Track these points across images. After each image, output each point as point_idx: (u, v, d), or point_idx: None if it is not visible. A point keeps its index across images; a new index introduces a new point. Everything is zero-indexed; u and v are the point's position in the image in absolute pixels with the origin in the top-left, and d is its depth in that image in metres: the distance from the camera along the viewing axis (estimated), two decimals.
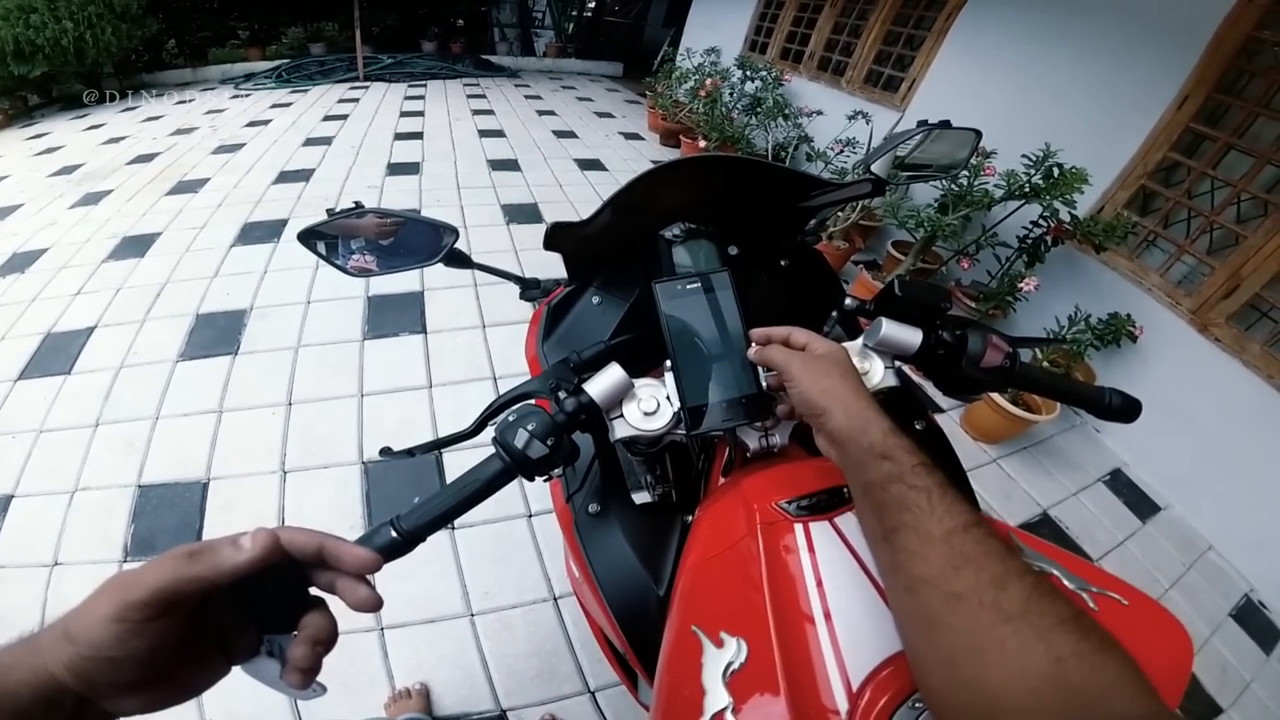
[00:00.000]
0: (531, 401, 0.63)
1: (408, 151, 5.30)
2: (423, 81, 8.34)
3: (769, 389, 0.63)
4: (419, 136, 5.75)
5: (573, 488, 0.77)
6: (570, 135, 6.29)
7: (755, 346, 0.62)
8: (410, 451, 0.68)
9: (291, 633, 0.40)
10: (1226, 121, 2.45)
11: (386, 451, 0.68)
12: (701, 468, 0.82)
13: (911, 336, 0.66)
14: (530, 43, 10.97)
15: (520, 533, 2.00)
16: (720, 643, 0.47)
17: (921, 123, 0.81)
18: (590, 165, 5.39)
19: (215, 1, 8.49)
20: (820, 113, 4.60)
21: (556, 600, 1.82)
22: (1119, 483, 2.60)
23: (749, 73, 5.20)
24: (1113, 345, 2.51)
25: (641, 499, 0.76)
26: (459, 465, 2.08)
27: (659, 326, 0.64)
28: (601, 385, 0.60)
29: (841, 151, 3.89)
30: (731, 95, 5.43)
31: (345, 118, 6.29)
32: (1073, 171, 2.56)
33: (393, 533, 0.48)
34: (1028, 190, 2.71)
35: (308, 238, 0.84)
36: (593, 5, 11.47)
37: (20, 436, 2.24)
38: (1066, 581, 0.50)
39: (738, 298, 0.66)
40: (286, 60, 8.47)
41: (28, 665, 0.32)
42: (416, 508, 0.50)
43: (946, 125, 0.81)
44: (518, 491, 2.10)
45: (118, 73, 7.02)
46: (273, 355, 2.66)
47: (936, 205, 2.98)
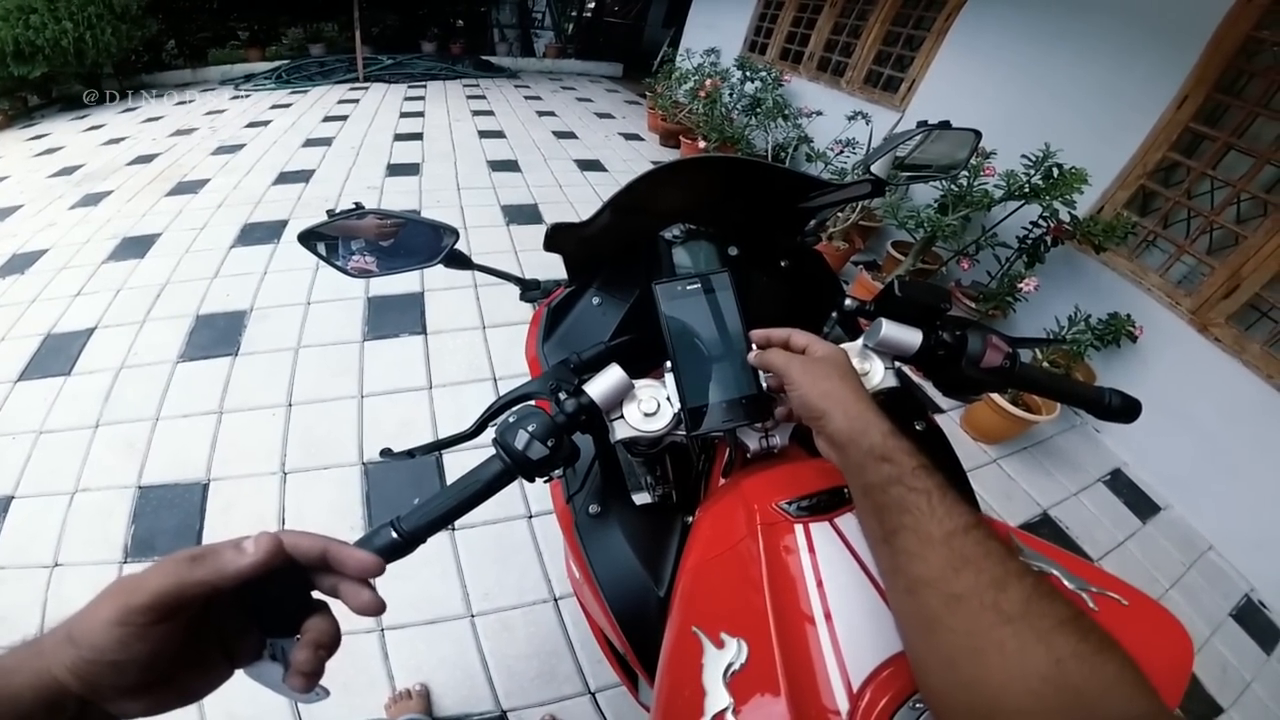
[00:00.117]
0: (532, 403, 0.63)
1: (407, 152, 5.30)
2: (422, 82, 8.33)
3: (769, 390, 0.63)
4: (419, 137, 5.75)
5: (573, 489, 0.77)
6: (570, 136, 6.29)
7: (755, 350, 0.62)
8: (410, 453, 0.68)
9: (294, 636, 0.40)
10: (1226, 121, 2.45)
11: (387, 453, 0.68)
12: (702, 468, 0.82)
13: (911, 337, 0.66)
14: (530, 43, 10.97)
15: (520, 533, 2.00)
16: (721, 643, 0.47)
17: (921, 123, 0.81)
18: (590, 166, 5.39)
19: (215, 2, 8.49)
20: (820, 113, 4.60)
21: (557, 601, 1.82)
22: (1119, 483, 2.60)
23: (749, 73, 5.19)
24: (1113, 345, 2.51)
25: (642, 500, 0.76)
26: (459, 466, 2.08)
27: (659, 327, 0.64)
28: (601, 386, 0.60)
29: (841, 152, 3.89)
30: (731, 96, 5.43)
31: (345, 118, 6.29)
32: (1072, 172, 2.56)
33: (393, 534, 0.48)
34: (1027, 190, 2.71)
35: (308, 239, 0.84)
36: (592, 6, 11.46)
37: (20, 437, 2.23)
38: (1066, 582, 0.50)
39: (738, 298, 0.66)
40: (286, 61, 8.46)
41: (31, 668, 0.32)
42: (417, 509, 0.50)
43: (946, 126, 0.81)
44: (518, 492, 2.10)
45: (117, 73, 7.02)
46: (273, 356, 2.66)
47: (936, 206, 2.98)
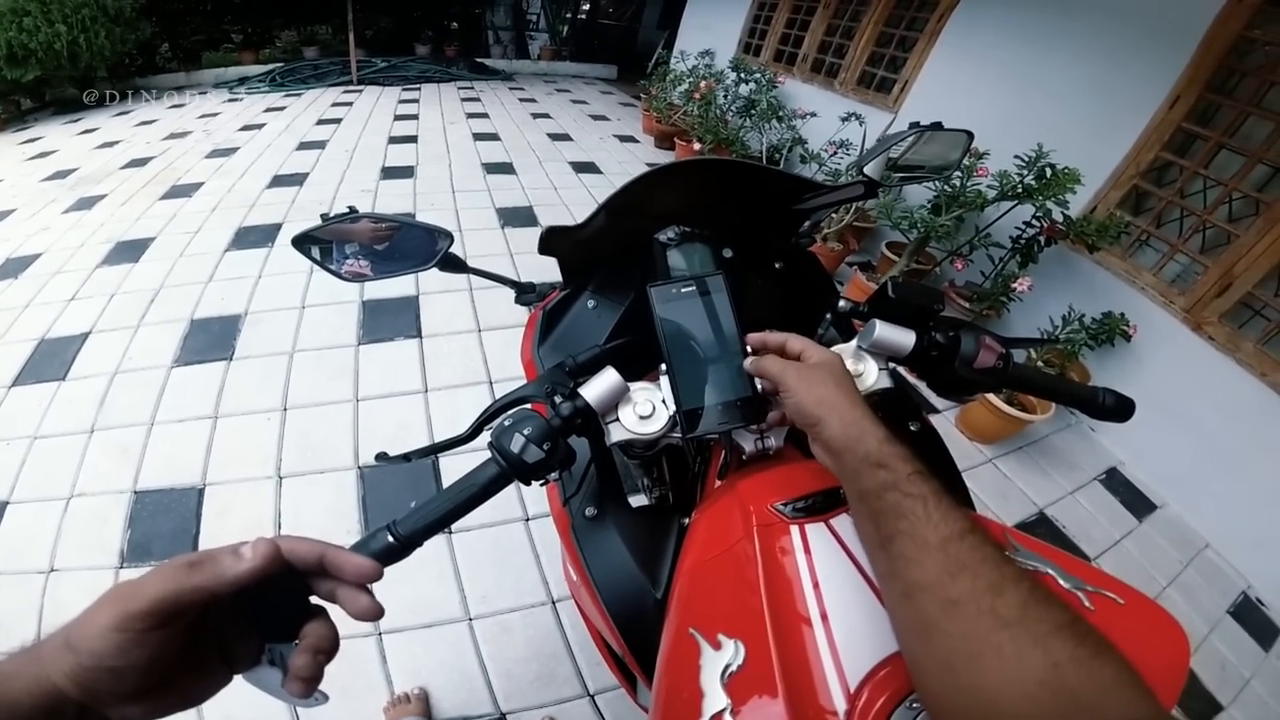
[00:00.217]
0: (527, 406, 0.63)
1: (402, 155, 5.29)
2: (417, 85, 8.32)
3: (763, 392, 0.63)
4: (413, 140, 5.74)
5: (569, 491, 0.77)
6: (565, 138, 6.29)
7: (750, 355, 0.62)
8: (406, 456, 0.68)
9: (293, 641, 0.40)
10: (1218, 121, 2.47)
11: (383, 456, 0.68)
12: (698, 470, 0.82)
13: (905, 338, 0.66)
14: (525, 46, 10.96)
15: (518, 536, 1.99)
16: (718, 645, 0.48)
17: (913, 125, 0.81)
18: (585, 168, 5.39)
19: (209, 5, 8.46)
20: (814, 114, 4.62)
21: (555, 604, 1.82)
22: (1115, 481, 2.61)
23: (743, 75, 5.20)
24: (1107, 344, 2.52)
25: (638, 502, 0.76)
26: (455, 470, 2.07)
27: (654, 330, 0.64)
28: (597, 389, 0.60)
29: (835, 153, 3.90)
30: (726, 98, 5.44)
31: (339, 121, 6.27)
32: (1065, 172, 2.57)
33: (390, 537, 0.48)
34: (1020, 191, 2.72)
35: (302, 243, 0.84)
36: (587, 8, 11.47)
37: (15, 443, 2.22)
38: (1062, 581, 0.50)
39: (732, 301, 0.66)
40: (280, 64, 8.42)
41: (30, 674, 0.32)
42: (413, 512, 0.50)
43: (938, 127, 0.81)
44: (515, 495, 2.10)
45: (111, 77, 6.98)
46: (268, 360, 2.65)
47: (930, 206, 2.99)
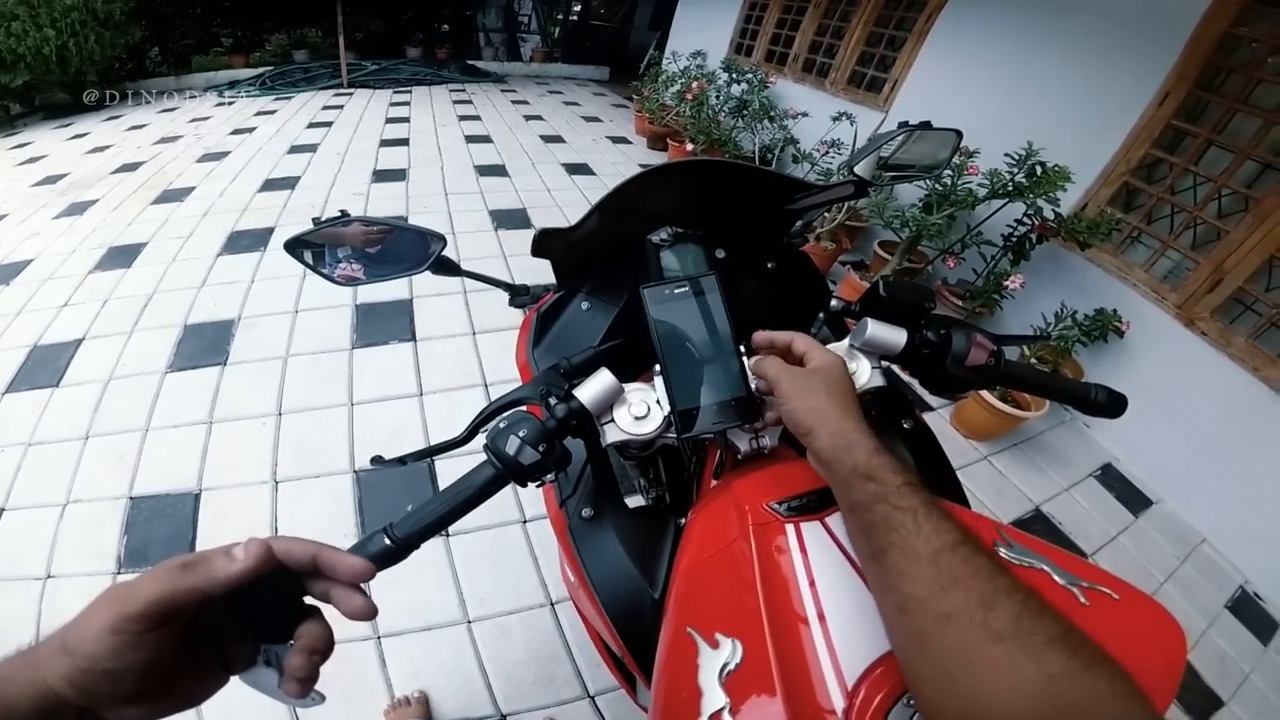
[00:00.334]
0: (523, 408, 0.63)
1: (394, 158, 5.28)
2: (408, 88, 8.30)
3: (757, 393, 0.63)
4: (405, 143, 5.73)
5: (566, 493, 0.77)
6: (558, 140, 6.29)
7: (755, 356, 0.63)
8: (402, 460, 0.68)
9: (288, 642, 0.40)
10: (1207, 118, 2.49)
11: (378, 460, 0.68)
12: (693, 470, 0.82)
13: (896, 336, 0.66)
14: (516, 48, 10.95)
15: (515, 538, 1.99)
16: (715, 644, 0.48)
17: (902, 124, 0.82)
18: (578, 170, 5.39)
19: (198, 8, 8.43)
20: (805, 114, 4.64)
21: (553, 605, 1.82)
22: (1110, 477, 2.63)
23: (735, 75, 5.20)
24: (1100, 341, 2.53)
25: (634, 502, 0.76)
26: (451, 473, 2.07)
27: (648, 331, 0.64)
28: (592, 390, 0.60)
29: (827, 153, 3.92)
30: (718, 98, 5.45)
31: (330, 125, 6.26)
32: (1055, 169, 2.59)
33: (386, 540, 0.48)
34: (1011, 189, 2.74)
35: (294, 247, 0.84)
36: (578, 9, 11.47)
37: (9, 450, 2.21)
38: (1057, 578, 0.50)
39: (726, 301, 0.66)
40: (270, 67, 8.40)
41: (26, 678, 0.32)
42: (410, 515, 0.50)
43: (927, 126, 0.82)
44: (511, 497, 2.10)
45: (101, 81, 6.95)
46: (262, 365, 2.65)
47: (921, 205, 3.01)
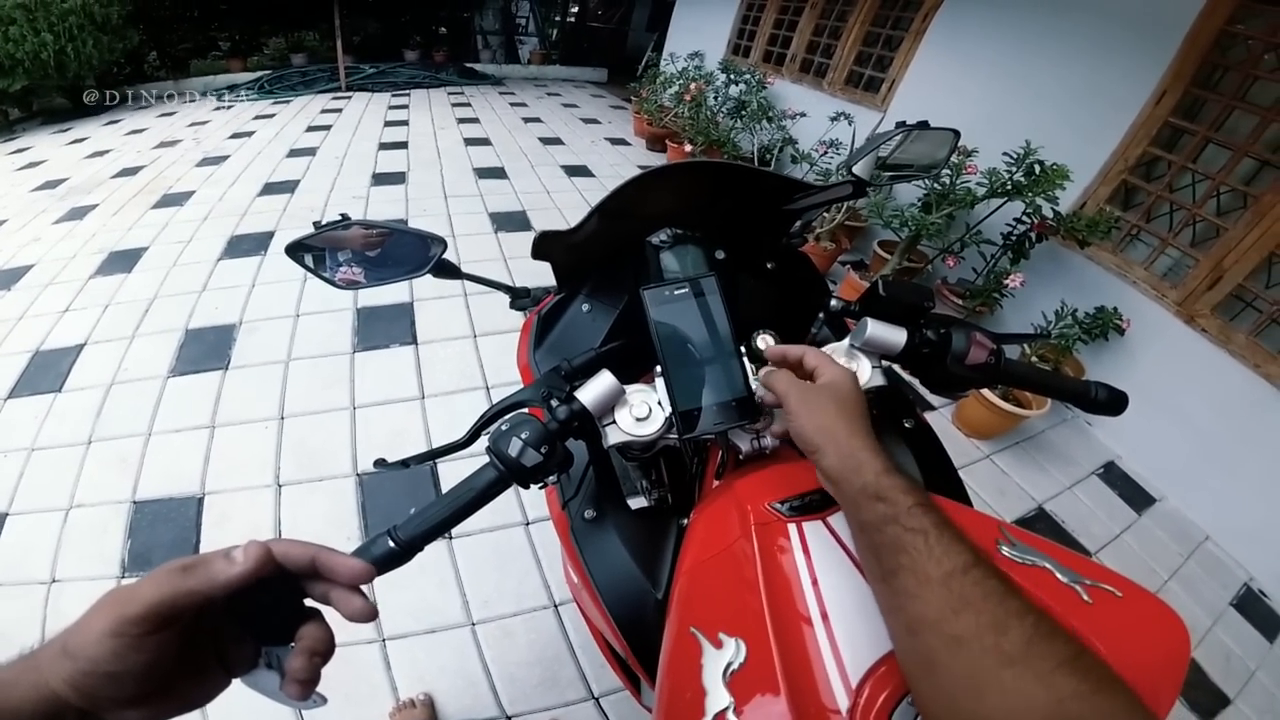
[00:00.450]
0: (524, 410, 0.63)
1: (393, 161, 5.29)
2: (406, 91, 8.31)
3: (761, 403, 0.63)
4: (404, 146, 5.73)
5: (568, 494, 0.77)
6: (556, 142, 6.29)
7: (765, 368, 0.63)
8: (405, 462, 0.68)
9: (289, 644, 0.40)
10: (1204, 115, 2.49)
11: (381, 463, 0.68)
12: (695, 471, 0.82)
13: (896, 336, 0.67)
14: (514, 50, 10.96)
15: (518, 540, 1.99)
16: (719, 643, 0.48)
17: (900, 124, 0.82)
18: (577, 171, 5.40)
19: (196, 12, 8.44)
20: (804, 115, 4.64)
21: (557, 607, 1.82)
22: (1113, 475, 2.62)
23: (733, 76, 5.21)
24: (1100, 339, 2.53)
25: (637, 503, 0.77)
26: (454, 475, 2.08)
27: (649, 332, 0.64)
28: (593, 392, 0.61)
29: (826, 153, 3.92)
30: (716, 99, 5.45)
31: (329, 128, 6.26)
32: (1054, 168, 2.59)
33: (390, 543, 0.48)
34: (1010, 188, 2.74)
35: (295, 251, 0.84)
36: (576, 11, 11.48)
37: (12, 455, 2.21)
38: (1059, 576, 0.50)
39: (725, 302, 0.66)
40: (268, 71, 8.41)
41: (29, 682, 0.32)
42: (413, 518, 0.50)
43: (925, 126, 0.82)
44: (514, 500, 2.10)
45: (99, 85, 6.96)
46: (263, 369, 2.65)
47: (920, 205, 3.01)
